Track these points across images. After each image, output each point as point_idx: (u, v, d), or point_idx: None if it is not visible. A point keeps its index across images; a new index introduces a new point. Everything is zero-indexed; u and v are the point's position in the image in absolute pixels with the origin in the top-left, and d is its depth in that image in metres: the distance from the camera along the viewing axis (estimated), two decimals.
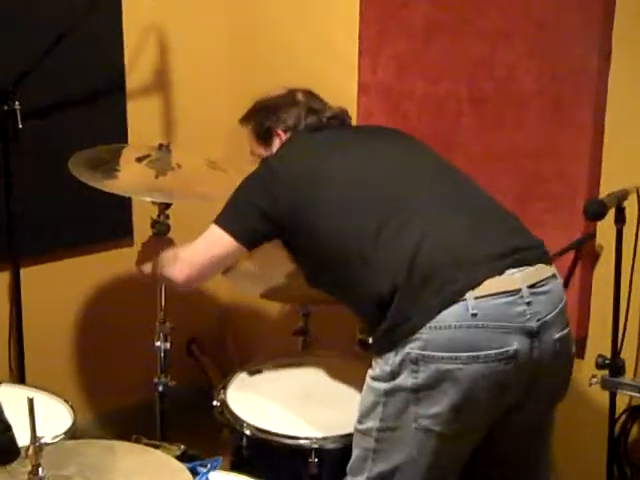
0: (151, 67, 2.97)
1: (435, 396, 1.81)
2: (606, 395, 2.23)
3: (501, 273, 1.82)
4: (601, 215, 2.08)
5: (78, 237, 2.94)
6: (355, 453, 1.96)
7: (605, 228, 2.22)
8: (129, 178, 2.51)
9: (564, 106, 2.29)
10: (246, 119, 2.30)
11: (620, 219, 2.14)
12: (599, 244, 2.32)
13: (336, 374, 2.41)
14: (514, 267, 1.84)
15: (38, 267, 2.84)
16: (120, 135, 2.92)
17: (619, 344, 2.20)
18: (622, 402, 2.27)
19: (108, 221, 2.96)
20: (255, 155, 2.28)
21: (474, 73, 2.45)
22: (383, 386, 1.87)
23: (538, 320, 1.82)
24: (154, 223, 2.46)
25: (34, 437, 1.34)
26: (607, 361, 2.19)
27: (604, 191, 2.24)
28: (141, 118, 2.97)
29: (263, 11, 3.02)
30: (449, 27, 2.48)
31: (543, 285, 1.87)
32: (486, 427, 1.89)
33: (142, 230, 2.61)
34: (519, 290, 1.82)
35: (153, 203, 2.45)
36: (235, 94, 3.10)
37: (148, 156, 2.53)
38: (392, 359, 1.85)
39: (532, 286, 1.84)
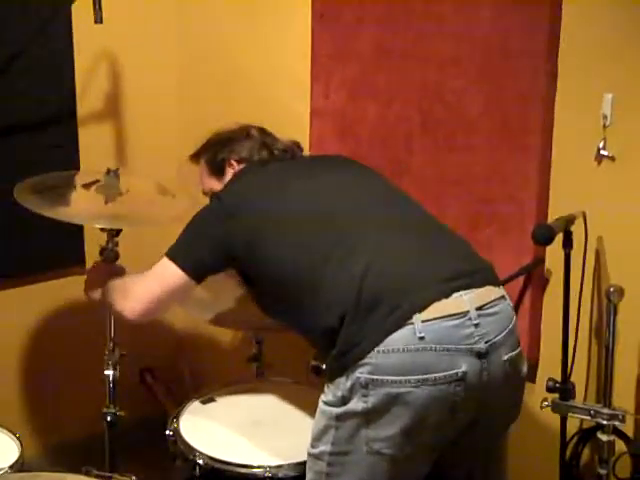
0: (102, 93, 2.96)
1: (386, 420, 1.82)
2: (557, 418, 2.25)
3: (448, 296, 1.84)
4: (549, 240, 2.10)
5: (28, 265, 2.91)
6: (308, 477, 1.96)
7: (554, 252, 2.24)
8: (78, 205, 2.50)
9: (512, 130, 2.31)
10: (198, 154, 2.33)
11: (568, 244, 2.17)
12: (548, 269, 2.34)
13: (290, 401, 2.40)
14: (462, 290, 1.86)
15: None
16: (71, 161, 2.90)
17: (569, 368, 2.22)
18: (573, 425, 2.29)
19: (59, 248, 2.93)
20: (207, 191, 2.30)
21: (424, 97, 2.47)
22: (335, 411, 1.88)
23: (487, 342, 1.84)
24: (102, 250, 2.44)
25: None
26: (558, 385, 2.21)
27: (553, 215, 2.26)
28: (93, 144, 2.96)
29: (215, 37, 3.02)
30: (398, 52, 2.50)
31: (492, 307, 1.89)
32: (438, 449, 1.89)
33: (94, 257, 2.57)
34: (467, 312, 1.83)
35: (102, 230, 2.43)
36: (186, 119, 3.11)
37: (97, 182, 2.52)
38: (343, 384, 1.85)
39: (480, 308, 1.86)
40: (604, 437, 2.09)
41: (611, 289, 2.09)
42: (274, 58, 2.86)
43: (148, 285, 2.10)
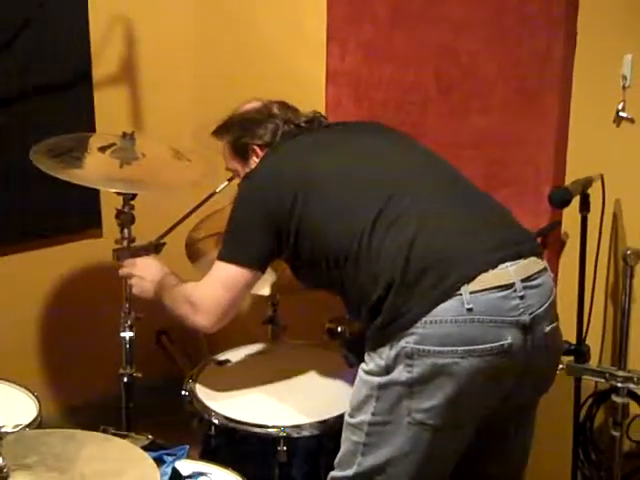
0: (118, 57, 2.94)
1: (430, 390, 1.80)
2: (572, 380, 2.25)
3: (494, 267, 1.82)
4: (566, 203, 2.10)
5: (46, 228, 2.93)
6: (345, 446, 1.94)
7: (570, 215, 2.24)
8: (93, 168, 2.47)
9: (529, 93, 2.30)
10: (221, 133, 2.23)
11: (585, 207, 2.16)
12: (565, 232, 2.33)
13: (305, 362, 2.41)
14: (507, 261, 1.83)
15: (6, 257, 2.82)
16: (87, 125, 2.90)
17: (584, 331, 2.22)
18: (588, 387, 2.29)
19: (77, 211, 2.94)
20: (231, 170, 2.24)
21: (439, 60, 2.45)
22: (377, 380, 1.86)
23: (531, 314, 1.82)
24: (118, 213, 2.43)
25: None
26: (572, 347, 2.22)
27: (570, 178, 2.25)
28: (108, 107, 2.95)
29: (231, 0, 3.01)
30: (414, 14, 2.48)
31: (536, 278, 1.87)
32: (478, 419, 1.88)
33: (111, 220, 2.59)
34: (513, 284, 1.81)
35: (118, 193, 2.43)
36: (201, 83, 3.10)
37: (112, 145, 2.48)
38: (387, 353, 1.83)
39: (525, 280, 1.84)
40: (618, 399, 2.11)
41: (628, 252, 2.09)
42: (290, 20, 2.84)
43: (216, 295, 2.03)
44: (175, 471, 1.85)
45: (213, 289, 2.04)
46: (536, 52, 2.27)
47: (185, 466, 1.93)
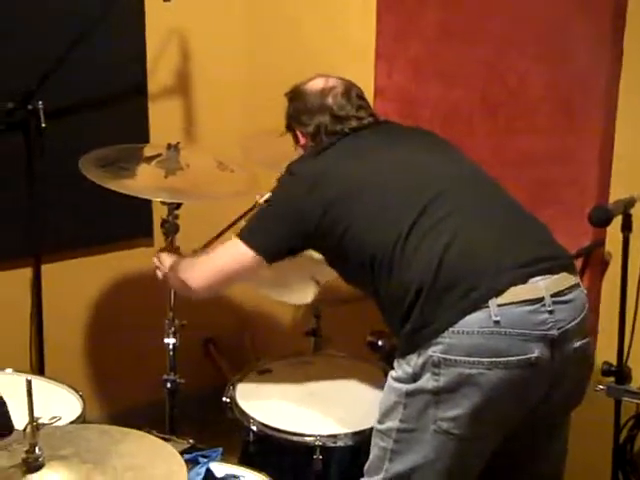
0: (172, 69, 3.02)
1: (456, 399, 1.83)
2: (612, 402, 2.24)
3: (525, 281, 1.83)
4: (606, 222, 2.09)
5: (98, 235, 3.00)
6: (373, 453, 1.97)
7: (613, 235, 2.23)
8: (139, 178, 2.56)
9: (574, 112, 2.30)
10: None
11: (627, 226, 2.15)
12: (608, 251, 2.32)
13: (345, 374, 2.44)
14: (538, 275, 1.85)
15: (58, 264, 2.90)
16: (142, 136, 2.98)
17: (626, 352, 2.21)
18: (628, 410, 2.27)
19: (129, 220, 3.01)
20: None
21: (485, 78, 2.47)
22: (405, 387, 1.88)
23: (559, 328, 1.83)
24: (163, 222, 2.51)
25: (32, 417, 1.39)
26: (613, 368, 2.20)
27: (613, 198, 2.25)
28: (162, 119, 3.03)
29: (281, 13, 3.07)
30: (461, 32, 2.51)
31: (566, 294, 1.87)
32: (503, 431, 1.90)
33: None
34: (542, 299, 1.83)
35: (162, 203, 2.50)
36: (251, 96, 3.16)
37: (158, 156, 2.57)
38: (414, 361, 1.86)
39: (555, 295, 1.85)
40: None
41: None
42: (339, 36, 2.88)
43: (217, 260, 2.11)
44: (209, 472, 1.90)
45: (217, 255, 2.12)
46: (582, 71, 2.27)
47: (220, 469, 1.98)
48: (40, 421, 1.38)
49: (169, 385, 2.53)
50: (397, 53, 2.69)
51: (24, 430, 1.42)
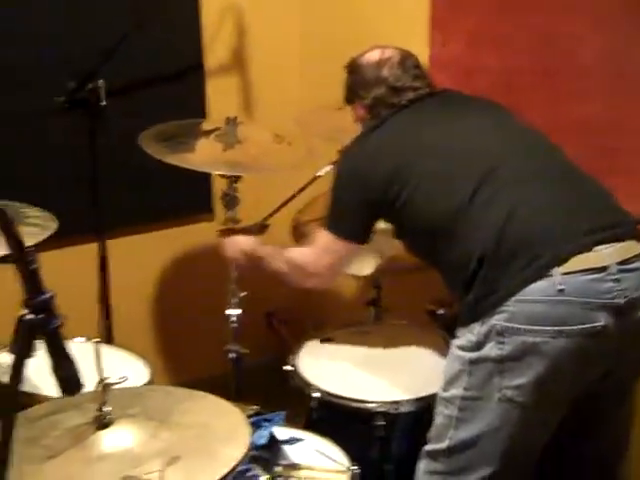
0: (228, 46, 3.06)
1: (520, 368, 1.84)
2: None
3: (589, 249, 1.84)
4: None
5: (160, 210, 3.06)
6: (437, 420, 2.00)
7: None
8: (198, 152, 2.61)
9: (631, 78, 2.27)
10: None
11: None
12: None
13: (406, 342, 2.47)
14: (603, 243, 1.85)
15: (122, 239, 2.96)
16: (198, 112, 3.02)
17: None
18: None
19: (189, 195, 3.06)
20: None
21: (541, 47, 2.45)
22: (469, 355, 1.91)
23: (625, 297, 1.83)
24: (223, 195, 2.56)
25: (101, 377, 1.48)
26: None
27: None
28: (219, 95, 3.07)
29: None
30: (517, 2, 2.50)
31: (633, 262, 1.87)
32: (568, 401, 1.91)
33: (220, 205, 2.71)
34: (607, 267, 1.83)
35: (222, 176, 2.54)
36: (307, 72, 3.18)
37: (216, 130, 2.62)
38: (478, 329, 1.88)
39: (621, 263, 1.84)
40: None
41: None
42: (394, 5, 2.88)
43: (322, 260, 2.16)
44: (272, 435, 1.96)
45: (320, 256, 2.17)
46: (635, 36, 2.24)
47: (284, 432, 2.05)
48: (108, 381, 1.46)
49: (233, 355, 2.58)
50: (452, 23, 2.68)
51: (95, 389, 1.50)
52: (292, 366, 2.36)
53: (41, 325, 1.21)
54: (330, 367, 2.36)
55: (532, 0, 2.46)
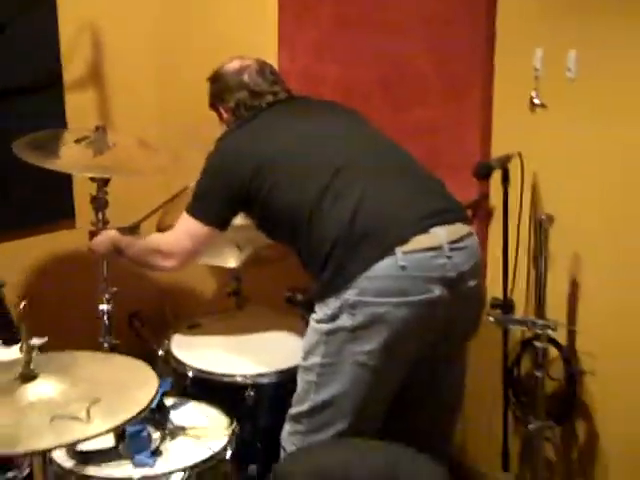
0: (86, 59, 3.19)
1: (370, 335, 2.09)
2: (500, 331, 2.59)
3: (426, 231, 2.12)
4: (486, 175, 2.44)
5: (22, 219, 3.12)
6: (300, 386, 2.23)
7: (495, 189, 2.57)
8: (69, 158, 2.75)
9: (459, 87, 2.63)
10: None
11: (505, 179, 2.49)
12: (492, 204, 2.66)
13: (268, 324, 2.71)
14: (437, 226, 2.13)
15: None
16: (59, 123, 3.11)
17: (509, 287, 2.56)
18: (515, 337, 2.62)
19: (50, 203, 3.15)
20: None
21: (379, 60, 2.77)
22: (325, 327, 2.15)
23: (456, 271, 2.13)
24: (93, 199, 2.70)
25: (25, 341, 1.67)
26: (500, 302, 2.55)
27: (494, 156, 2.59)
28: (78, 107, 3.19)
29: (186, 3, 3.31)
30: (354, 21, 2.82)
31: (462, 241, 2.17)
32: (410, 362, 2.18)
33: (83, 210, 2.85)
34: (441, 246, 2.11)
35: (92, 180, 2.69)
36: (162, 80, 3.35)
37: (86, 138, 2.77)
38: (333, 304, 2.13)
39: (452, 242, 2.14)
40: (539, 344, 2.39)
41: (542, 217, 2.41)
42: (247, 22, 3.12)
43: (183, 243, 2.32)
44: (161, 400, 2.14)
45: (180, 238, 2.34)
46: (462, 49, 2.60)
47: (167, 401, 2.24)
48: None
49: (106, 345, 2.72)
50: (297, 39, 2.96)
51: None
52: (164, 350, 2.53)
53: None
54: (200, 348, 2.56)
55: (366, 21, 2.77)
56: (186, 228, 2.33)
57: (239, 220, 2.45)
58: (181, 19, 3.33)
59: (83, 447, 2.02)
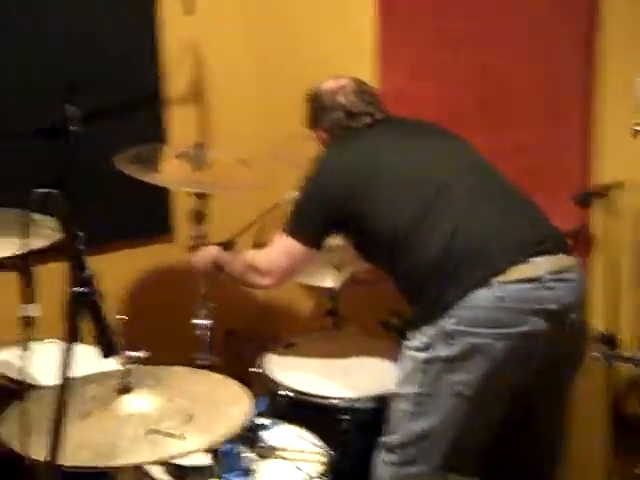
0: (188, 78, 3.25)
1: (468, 366, 2.05)
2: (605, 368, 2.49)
3: (525, 261, 2.07)
4: (589, 203, 2.37)
5: (120, 232, 3.17)
6: (393, 414, 2.19)
7: (597, 217, 2.49)
8: (169, 173, 2.83)
9: (558, 106, 2.56)
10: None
11: (607, 207, 2.42)
12: (592, 233, 2.57)
13: (364, 347, 2.67)
14: (537, 256, 2.08)
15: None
16: (159, 139, 3.19)
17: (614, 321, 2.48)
18: (624, 373, 2.53)
19: (150, 218, 3.23)
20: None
21: (478, 78, 2.72)
22: (421, 355, 2.11)
23: (558, 304, 2.05)
24: (193, 213, 2.75)
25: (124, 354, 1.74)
26: (603, 337, 2.46)
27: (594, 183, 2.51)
28: (178, 124, 3.25)
29: (285, 26, 3.33)
30: (455, 37, 2.77)
31: (564, 272, 2.10)
32: (512, 395, 2.11)
33: (181, 228, 2.89)
34: (540, 277, 2.05)
35: (192, 195, 2.73)
36: (263, 99, 3.39)
37: (186, 153, 2.83)
38: (428, 331, 2.10)
39: (554, 272, 2.07)
40: None
41: None
42: (341, 46, 3.12)
43: (279, 261, 2.34)
44: (254, 420, 2.14)
45: (277, 256, 2.35)
46: (562, 66, 2.53)
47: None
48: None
49: (202, 362, 2.73)
50: (395, 57, 2.93)
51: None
52: (260, 370, 2.52)
53: (85, 296, 1.39)
54: (295, 369, 2.54)
55: (467, 36, 2.72)
56: (283, 247, 2.34)
57: (337, 241, 2.44)
58: (282, 39, 3.36)
59: (180, 461, 2.03)
